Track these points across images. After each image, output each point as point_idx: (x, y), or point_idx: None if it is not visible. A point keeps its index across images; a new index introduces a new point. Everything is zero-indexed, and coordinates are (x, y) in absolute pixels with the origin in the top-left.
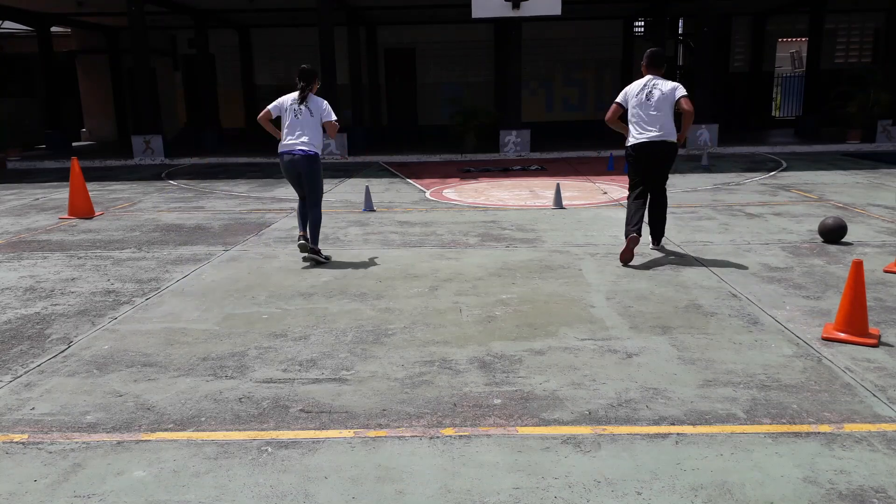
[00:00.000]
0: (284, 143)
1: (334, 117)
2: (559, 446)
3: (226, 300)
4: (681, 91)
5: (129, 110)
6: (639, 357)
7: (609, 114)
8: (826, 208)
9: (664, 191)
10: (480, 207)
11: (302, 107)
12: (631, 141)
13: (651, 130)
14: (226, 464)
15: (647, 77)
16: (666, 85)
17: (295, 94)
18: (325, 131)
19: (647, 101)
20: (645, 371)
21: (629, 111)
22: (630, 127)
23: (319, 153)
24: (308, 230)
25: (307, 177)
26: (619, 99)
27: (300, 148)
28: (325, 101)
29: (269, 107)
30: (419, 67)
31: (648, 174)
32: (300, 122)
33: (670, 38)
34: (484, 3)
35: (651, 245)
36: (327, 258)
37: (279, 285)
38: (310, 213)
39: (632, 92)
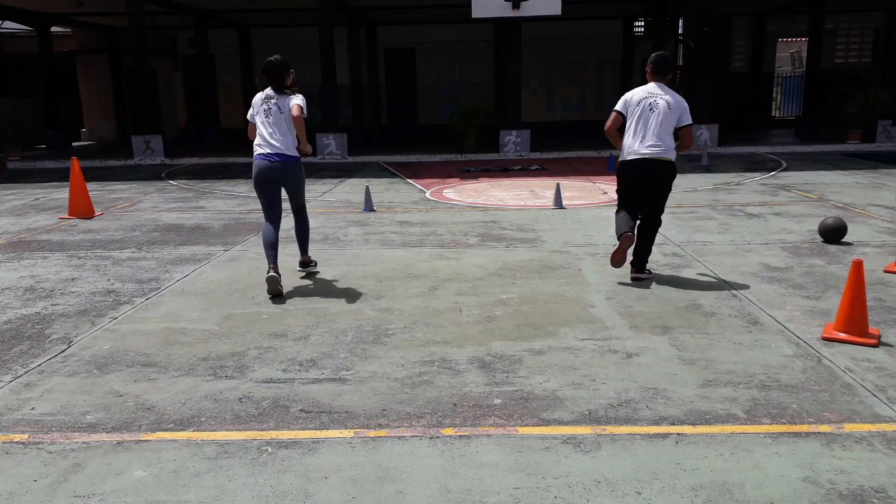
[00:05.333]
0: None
1: (298, 107)
2: (559, 446)
3: (226, 300)
4: (688, 117)
5: (129, 110)
6: (639, 357)
7: (609, 123)
8: (826, 208)
9: (658, 218)
10: (480, 207)
11: (273, 103)
12: (625, 156)
13: (648, 147)
14: (226, 464)
15: (652, 85)
16: (674, 98)
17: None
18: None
19: (651, 112)
20: (645, 371)
21: (627, 121)
22: (625, 140)
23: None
24: (297, 243)
25: (291, 185)
26: (618, 107)
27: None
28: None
29: (252, 114)
30: (419, 67)
31: (639, 196)
32: (272, 121)
33: (670, 38)
34: (484, 3)
35: (631, 273)
36: (315, 264)
37: None
38: (298, 220)
39: (633, 100)
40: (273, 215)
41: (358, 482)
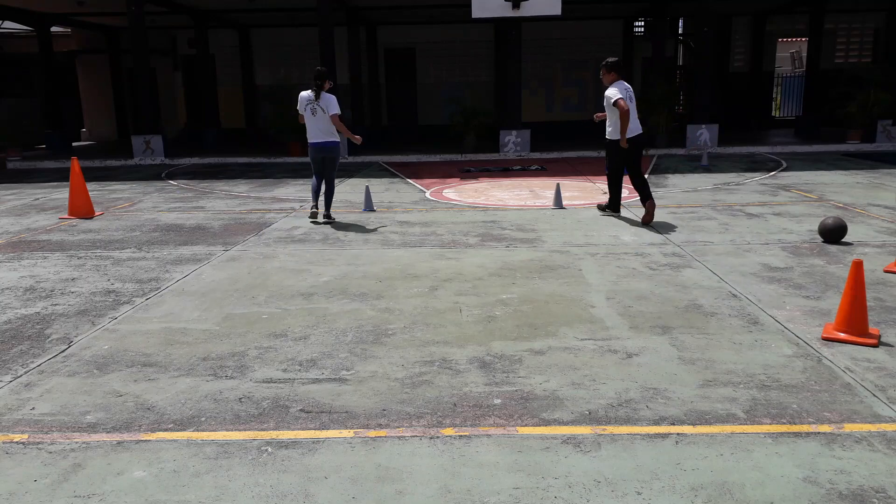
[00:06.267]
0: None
1: (335, 111)
2: (559, 446)
3: (226, 300)
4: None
5: (129, 110)
6: (639, 357)
7: (626, 107)
8: (826, 208)
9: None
10: (480, 207)
11: (316, 105)
12: (631, 134)
13: (639, 126)
14: (226, 464)
15: (621, 81)
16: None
17: (309, 92)
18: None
19: (632, 101)
20: (645, 371)
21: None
22: (631, 121)
23: (338, 140)
24: (324, 201)
25: (329, 161)
26: (623, 96)
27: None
28: (333, 97)
29: (298, 108)
30: (419, 67)
31: (634, 159)
32: (317, 118)
33: (670, 38)
34: (484, 3)
35: (606, 212)
36: (334, 219)
37: (279, 285)
38: (327, 187)
39: (627, 93)
40: (319, 177)
41: (358, 482)
